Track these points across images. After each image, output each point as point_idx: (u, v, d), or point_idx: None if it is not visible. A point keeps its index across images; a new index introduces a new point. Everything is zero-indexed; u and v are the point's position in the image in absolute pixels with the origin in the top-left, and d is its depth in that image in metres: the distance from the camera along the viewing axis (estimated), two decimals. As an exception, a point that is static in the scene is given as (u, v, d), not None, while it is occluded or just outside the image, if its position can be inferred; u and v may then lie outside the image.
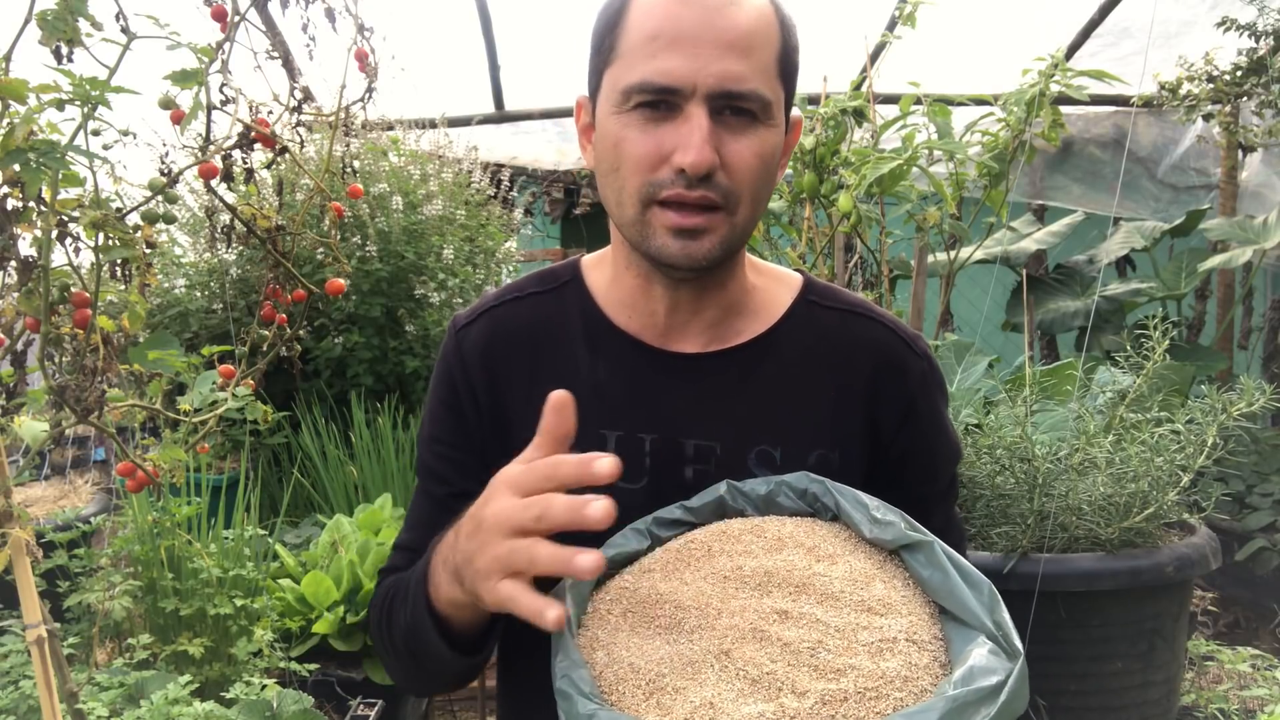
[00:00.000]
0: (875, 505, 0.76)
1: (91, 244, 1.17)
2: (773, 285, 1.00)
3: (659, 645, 0.69)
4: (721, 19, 0.82)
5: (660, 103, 0.83)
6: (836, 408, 0.95)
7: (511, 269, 4.17)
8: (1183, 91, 4.21)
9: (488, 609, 0.76)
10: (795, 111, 0.94)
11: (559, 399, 0.73)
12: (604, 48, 0.88)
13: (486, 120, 4.78)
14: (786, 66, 0.87)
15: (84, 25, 1.11)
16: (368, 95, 1.65)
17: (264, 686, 1.99)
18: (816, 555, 0.74)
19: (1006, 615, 0.65)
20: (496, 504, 0.72)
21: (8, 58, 1.10)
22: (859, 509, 0.76)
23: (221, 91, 1.38)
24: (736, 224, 0.87)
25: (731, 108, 0.83)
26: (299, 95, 1.57)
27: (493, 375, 0.98)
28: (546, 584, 0.73)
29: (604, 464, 0.68)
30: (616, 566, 0.80)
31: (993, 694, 0.58)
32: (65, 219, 1.17)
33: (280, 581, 2.42)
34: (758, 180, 0.86)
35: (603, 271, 1.00)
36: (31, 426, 1.25)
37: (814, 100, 2.94)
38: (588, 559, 0.66)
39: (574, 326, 0.98)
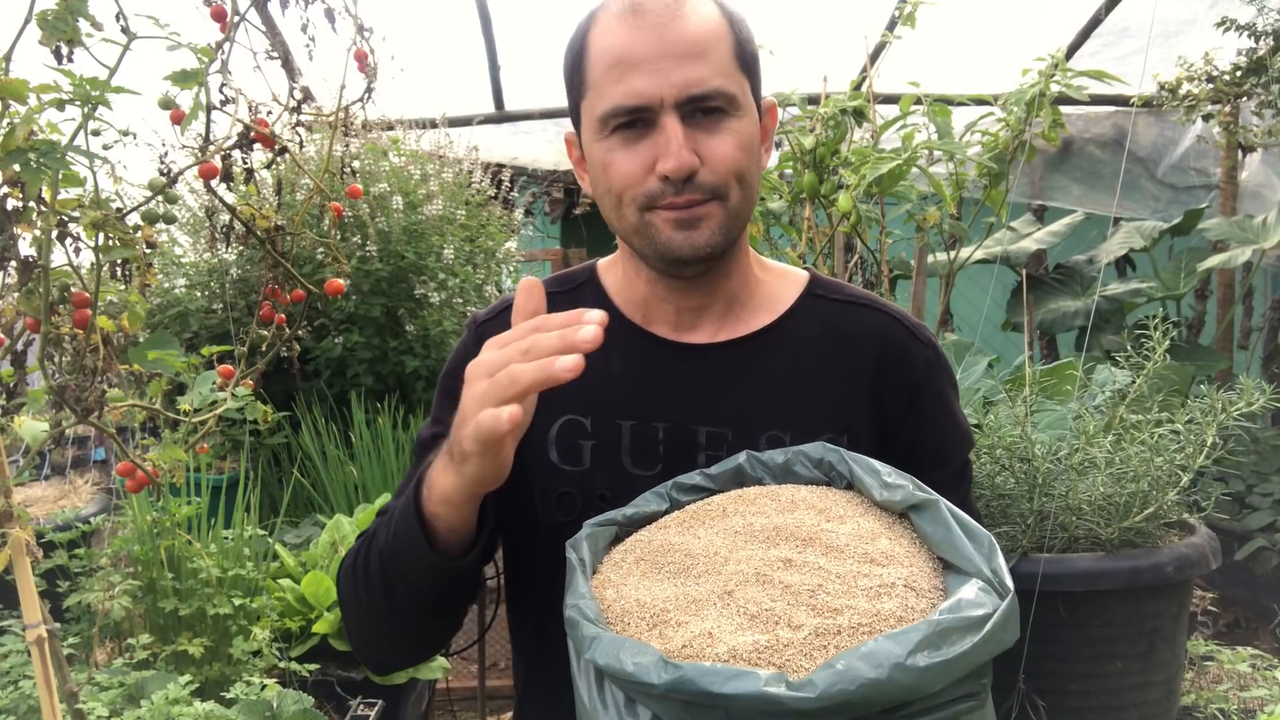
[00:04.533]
0: (887, 471, 0.79)
1: (91, 244, 1.17)
2: (779, 281, 1.05)
3: (666, 586, 0.72)
4: (672, 32, 0.88)
5: (635, 121, 0.89)
6: (843, 394, 0.98)
7: (511, 269, 4.16)
8: (1182, 91, 4.21)
9: (472, 471, 0.78)
10: (767, 98, 0.99)
11: (527, 282, 0.79)
12: (575, 83, 0.95)
13: (486, 120, 4.77)
14: (744, 58, 0.93)
15: (84, 25, 1.11)
16: (367, 95, 1.65)
17: (264, 686, 1.99)
18: (827, 516, 0.77)
19: (1003, 563, 0.67)
20: (478, 358, 0.76)
21: (8, 58, 1.10)
22: (871, 475, 0.80)
23: (221, 91, 1.38)
24: (730, 208, 0.92)
25: (701, 109, 0.89)
26: (299, 95, 1.57)
27: None
28: (561, 536, 0.79)
29: (594, 316, 0.71)
30: (635, 525, 0.84)
31: (977, 624, 0.60)
32: (65, 219, 1.17)
33: (280, 581, 2.42)
34: (740, 167, 0.91)
35: (615, 273, 1.06)
36: (31, 426, 1.25)
37: (814, 100, 2.93)
38: (567, 359, 0.69)
39: None
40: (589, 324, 0.70)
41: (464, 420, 0.75)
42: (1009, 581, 0.65)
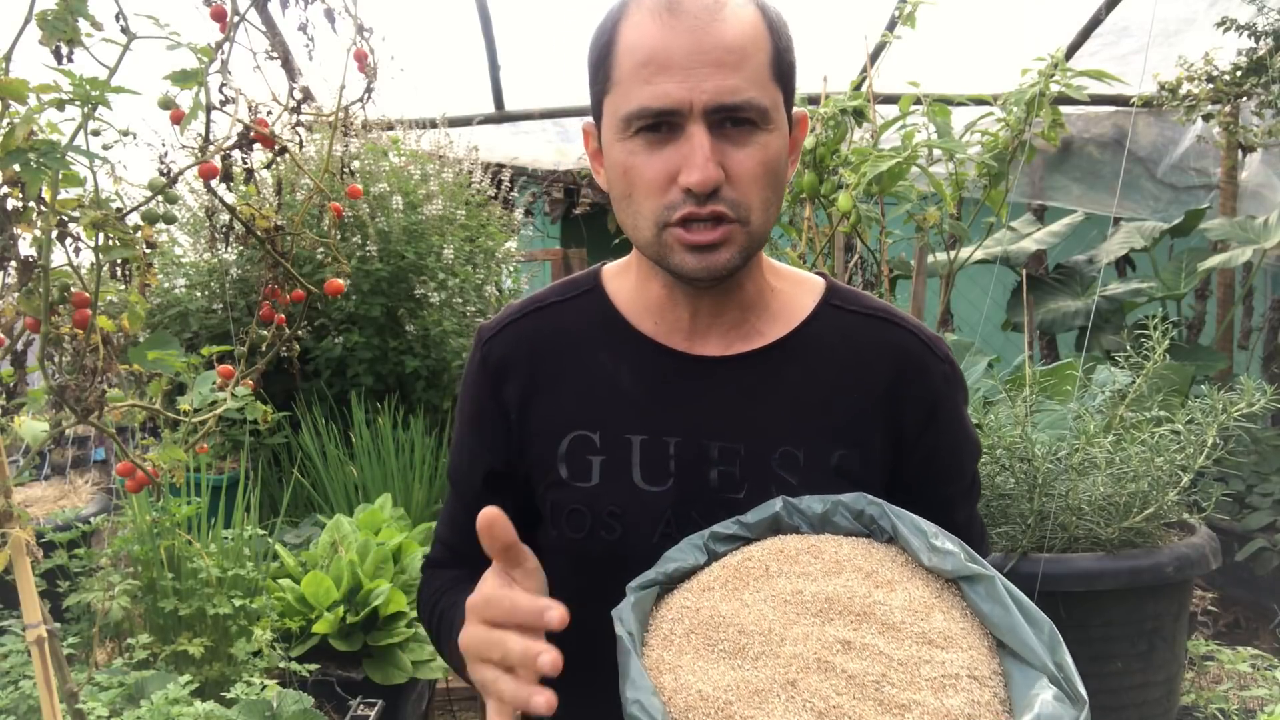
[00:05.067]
0: (933, 532, 0.76)
1: (91, 244, 1.17)
2: (794, 289, 1.01)
3: (724, 671, 0.70)
4: (709, 37, 0.83)
5: (661, 125, 0.85)
6: (858, 409, 0.95)
7: (511, 269, 4.17)
8: (1182, 91, 4.21)
9: None
10: (799, 109, 0.95)
11: (486, 518, 0.76)
12: (600, 77, 0.90)
13: (486, 120, 4.77)
14: (781, 68, 0.89)
15: (84, 25, 1.11)
16: (367, 95, 1.65)
17: (264, 686, 1.99)
18: (875, 581, 0.75)
19: (1068, 657, 0.65)
20: (468, 631, 0.79)
21: (8, 58, 1.10)
22: (917, 535, 0.77)
23: (221, 91, 1.38)
24: (751, 231, 0.88)
25: (731, 119, 0.85)
26: (299, 95, 1.57)
27: (517, 386, 1.00)
28: (607, 592, 0.78)
29: (552, 615, 0.74)
30: (675, 582, 0.81)
31: None
32: (65, 219, 1.17)
33: (280, 581, 2.42)
34: (764, 187, 0.87)
35: (626, 279, 1.02)
36: (31, 426, 1.25)
37: (814, 100, 2.94)
38: (539, 701, 0.72)
39: (596, 333, 1.00)
40: (544, 660, 0.72)
41: (471, 672, 0.79)
42: (1081, 687, 0.63)
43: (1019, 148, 2.58)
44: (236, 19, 1.37)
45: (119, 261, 1.23)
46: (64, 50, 1.13)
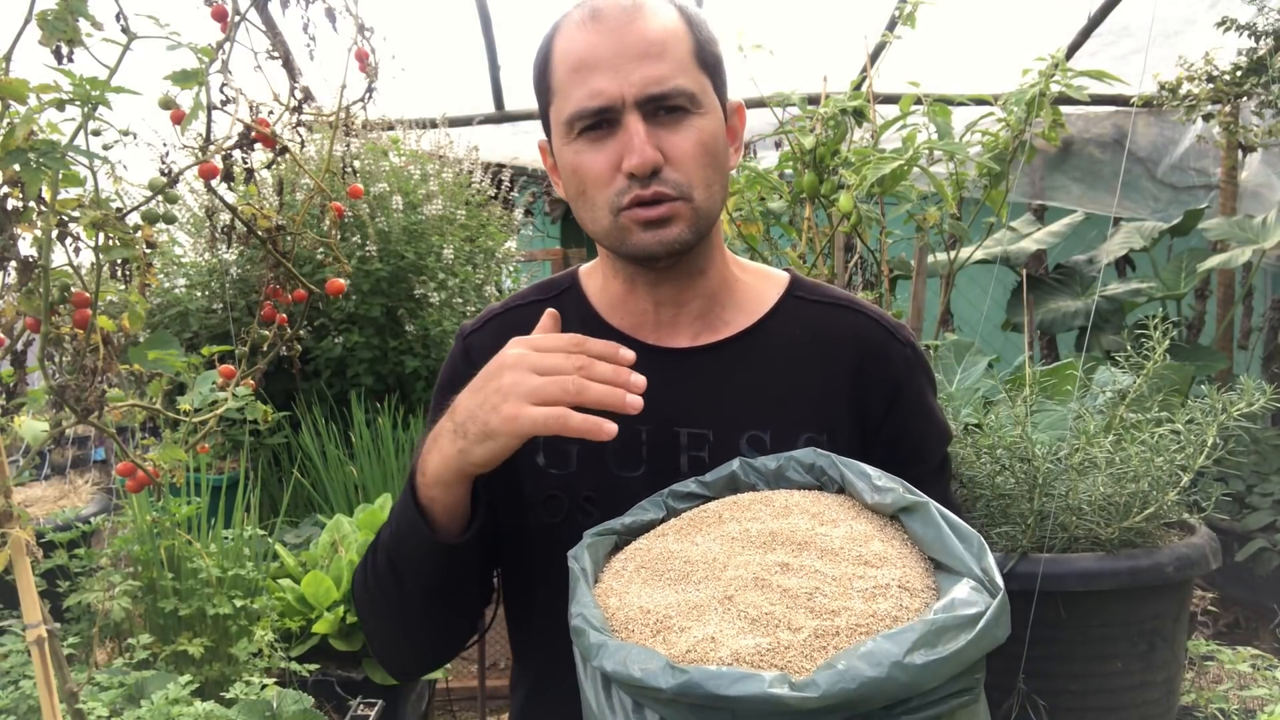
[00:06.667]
0: (877, 475, 0.81)
1: (91, 244, 1.17)
2: (759, 282, 1.07)
3: (667, 593, 0.74)
4: (630, 33, 0.91)
5: (600, 122, 0.92)
6: (823, 394, 1.00)
7: (511, 269, 4.17)
8: (1183, 91, 4.21)
9: (486, 452, 0.83)
10: (734, 99, 1.01)
11: (552, 312, 0.90)
12: (542, 90, 0.98)
13: (487, 120, 4.77)
14: (705, 57, 0.95)
15: (84, 25, 1.11)
16: (368, 95, 1.65)
17: (264, 686, 1.99)
18: (821, 520, 0.79)
19: (992, 562, 0.69)
20: (519, 350, 0.83)
21: (8, 58, 1.10)
22: (862, 478, 0.81)
23: (222, 91, 1.38)
24: (698, 208, 0.94)
25: (663, 108, 0.92)
26: (299, 95, 1.57)
27: None
28: (551, 538, 0.84)
29: (628, 352, 0.82)
30: (634, 534, 0.85)
31: (970, 622, 0.62)
32: (65, 219, 1.17)
33: (280, 581, 2.42)
34: (703, 166, 0.93)
35: (596, 278, 1.08)
36: (31, 426, 1.25)
37: (814, 100, 2.93)
38: (635, 400, 0.79)
39: (572, 329, 1.04)
40: (637, 380, 0.80)
41: (488, 403, 0.81)
42: (999, 580, 0.67)
43: (1019, 148, 2.58)
44: (237, 19, 1.37)
45: (119, 261, 1.23)
46: (64, 50, 1.14)
